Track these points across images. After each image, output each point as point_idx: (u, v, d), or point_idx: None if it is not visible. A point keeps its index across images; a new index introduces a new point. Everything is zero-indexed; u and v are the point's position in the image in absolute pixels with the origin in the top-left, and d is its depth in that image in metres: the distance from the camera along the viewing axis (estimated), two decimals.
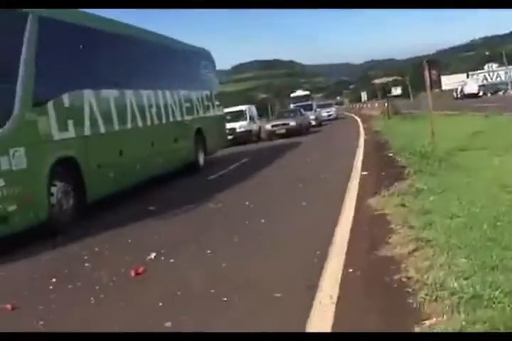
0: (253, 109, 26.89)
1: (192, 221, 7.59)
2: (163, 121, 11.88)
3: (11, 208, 6.65)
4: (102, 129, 9.15)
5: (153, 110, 11.40)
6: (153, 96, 11.47)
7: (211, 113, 15.54)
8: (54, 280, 5.25)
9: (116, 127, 9.70)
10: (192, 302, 4.19)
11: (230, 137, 24.59)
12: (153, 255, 5.69)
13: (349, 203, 7.17)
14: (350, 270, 4.34)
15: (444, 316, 3.13)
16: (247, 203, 8.22)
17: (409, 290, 3.65)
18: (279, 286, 4.16)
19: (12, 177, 6.70)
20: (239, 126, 24.83)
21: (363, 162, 11.35)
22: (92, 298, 4.56)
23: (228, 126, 25.00)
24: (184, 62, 13.90)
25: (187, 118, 13.44)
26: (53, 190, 7.63)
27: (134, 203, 9.74)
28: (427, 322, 3.10)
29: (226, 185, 10.59)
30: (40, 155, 7.29)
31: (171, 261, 5.47)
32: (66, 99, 8.15)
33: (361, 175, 9.46)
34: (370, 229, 5.57)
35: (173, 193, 10.75)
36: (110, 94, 9.66)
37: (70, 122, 8.18)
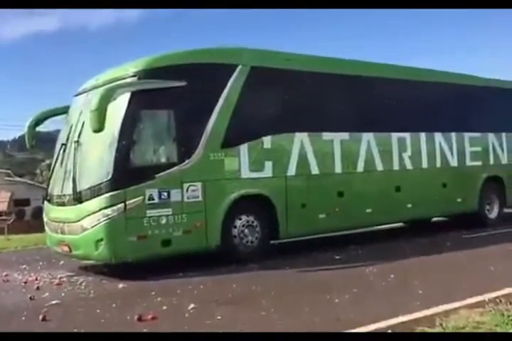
0: None
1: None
2: (419, 164, 11.11)
3: (176, 234, 7.82)
4: (316, 171, 9.44)
5: (406, 154, 10.85)
6: (414, 140, 10.98)
7: None
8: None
9: (338, 170, 9.78)
10: None
11: None
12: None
13: None
14: None
15: None
16: None
17: None
18: None
19: (182, 208, 7.86)
20: None
21: None
22: None
23: None
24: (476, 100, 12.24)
25: (470, 164, 12.10)
26: (237, 222, 8.50)
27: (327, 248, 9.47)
28: None
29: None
30: (218, 191, 8.26)
31: None
32: (266, 142, 8.86)
33: None
34: None
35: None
36: (339, 137, 9.84)
37: (268, 163, 8.85)
